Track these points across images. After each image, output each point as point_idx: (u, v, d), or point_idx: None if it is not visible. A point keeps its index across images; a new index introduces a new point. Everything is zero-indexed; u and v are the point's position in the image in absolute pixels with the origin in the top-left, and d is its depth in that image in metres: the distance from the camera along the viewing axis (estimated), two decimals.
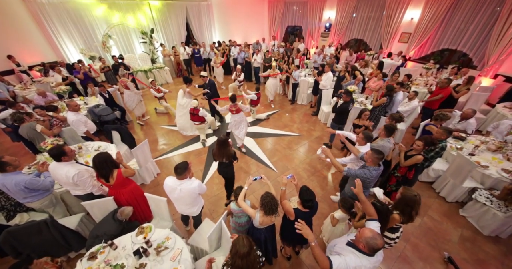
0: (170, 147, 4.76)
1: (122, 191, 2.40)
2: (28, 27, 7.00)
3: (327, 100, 5.56)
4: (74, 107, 3.53)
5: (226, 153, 2.72)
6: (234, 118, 4.17)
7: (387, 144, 2.76)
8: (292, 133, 5.20)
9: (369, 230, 1.52)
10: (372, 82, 5.17)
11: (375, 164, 2.26)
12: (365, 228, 1.57)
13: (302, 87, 6.60)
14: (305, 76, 7.00)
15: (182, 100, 4.84)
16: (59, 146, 2.19)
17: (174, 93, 7.48)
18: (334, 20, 10.02)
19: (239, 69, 6.70)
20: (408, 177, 2.75)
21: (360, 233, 1.52)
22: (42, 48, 7.50)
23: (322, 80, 5.48)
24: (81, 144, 3.55)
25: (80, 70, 6.17)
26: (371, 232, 1.49)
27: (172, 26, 9.50)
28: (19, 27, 6.81)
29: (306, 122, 5.77)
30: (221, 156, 2.75)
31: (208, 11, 10.18)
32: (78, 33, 7.85)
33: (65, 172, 2.21)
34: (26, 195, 2.24)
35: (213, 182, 3.76)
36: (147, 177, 3.71)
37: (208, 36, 10.73)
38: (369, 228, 1.57)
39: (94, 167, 2.15)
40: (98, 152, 2.20)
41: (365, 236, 1.47)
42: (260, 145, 4.78)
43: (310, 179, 3.75)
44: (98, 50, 8.31)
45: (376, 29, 8.99)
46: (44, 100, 5.01)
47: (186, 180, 2.16)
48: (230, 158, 2.78)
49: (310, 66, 7.93)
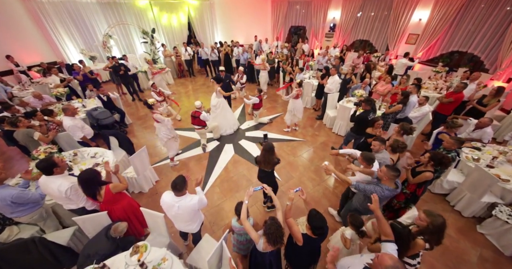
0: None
1: (114, 207, 2.24)
2: (26, 26, 6.87)
3: (332, 104, 5.36)
4: (72, 111, 3.38)
5: (271, 161, 2.59)
6: None
7: (386, 155, 2.54)
8: (296, 138, 5.01)
9: (389, 257, 1.35)
10: (380, 85, 4.97)
11: (391, 183, 2.07)
12: (384, 254, 1.39)
13: (306, 90, 6.41)
14: (309, 78, 6.81)
15: (213, 100, 4.82)
16: (47, 158, 2.03)
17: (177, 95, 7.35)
18: (339, 20, 9.79)
19: (241, 70, 6.52)
20: (418, 194, 2.55)
21: (380, 260, 1.34)
22: (41, 48, 7.37)
23: (328, 83, 5.28)
24: (76, 150, 3.40)
25: (80, 71, 6.03)
26: (391, 259, 1.32)
27: (174, 25, 9.34)
28: (17, 26, 6.68)
29: (310, 126, 5.58)
30: (266, 164, 2.61)
31: (210, 10, 10.00)
32: (78, 32, 7.71)
33: (57, 186, 2.05)
34: (13, 210, 2.09)
35: (213, 191, 3.59)
36: (145, 186, 3.55)
37: (210, 36, 10.56)
38: (389, 255, 1.40)
39: (79, 186, 1.99)
40: (83, 170, 2.03)
41: (386, 265, 1.29)
42: None
43: (316, 189, 3.57)
44: (98, 50, 8.17)
45: (382, 29, 8.76)
46: (40, 102, 4.87)
47: (184, 196, 1.99)
48: (274, 166, 2.65)
49: (315, 68, 7.72)
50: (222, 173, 3.99)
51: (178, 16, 9.28)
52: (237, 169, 4.11)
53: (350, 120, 3.71)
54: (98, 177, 2.07)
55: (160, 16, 8.87)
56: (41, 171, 2.00)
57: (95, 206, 2.36)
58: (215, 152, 4.59)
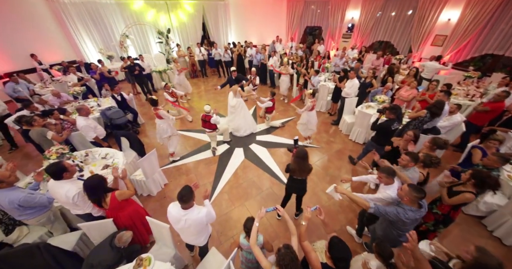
0: (178, 155, 4.52)
1: (119, 214, 2.15)
2: (50, 26, 7.16)
3: (350, 109, 5.04)
4: (86, 111, 3.38)
5: (306, 168, 2.38)
6: None
7: (415, 175, 2.22)
8: (309, 145, 4.76)
9: None
10: (404, 90, 4.59)
11: (414, 204, 1.80)
12: None
13: (322, 93, 6.12)
14: (325, 80, 6.51)
15: (232, 101, 4.75)
16: (57, 163, 1.98)
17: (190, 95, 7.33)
18: (357, 20, 9.35)
19: (254, 72, 6.37)
20: (452, 217, 2.23)
21: None
22: (63, 47, 7.66)
23: (346, 87, 4.97)
24: (88, 150, 3.40)
25: (97, 70, 6.16)
26: None
27: (189, 25, 9.38)
28: (42, 26, 6.97)
29: (325, 132, 5.29)
30: (301, 172, 2.40)
31: (225, 11, 9.95)
32: (98, 32, 7.94)
33: (65, 192, 1.99)
34: (21, 213, 2.06)
35: (222, 198, 3.45)
36: (154, 189, 3.48)
37: (224, 36, 10.51)
38: None
39: (84, 192, 1.92)
40: (89, 176, 1.95)
41: None
42: (274, 156, 4.41)
43: (332, 202, 3.32)
44: (116, 49, 8.37)
45: (405, 30, 8.23)
46: (58, 100, 5.00)
47: (191, 209, 1.84)
48: (309, 174, 2.45)
49: (331, 70, 7.40)
50: (231, 179, 3.85)
51: (193, 17, 9.31)
52: (247, 175, 3.95)
53: (371, 128, 3.40)
54: (104, 183, 1.99)
55: (176, 16, 8.94)
56: (50, 176, 1.95)
57: (102, 212, 2.29)
58: (225, 156, 4.46)
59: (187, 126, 5.64)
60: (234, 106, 4.79)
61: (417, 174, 2.18)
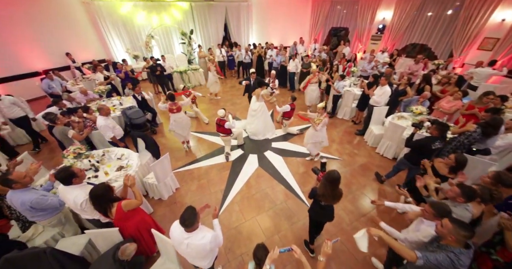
0: (192, 157, 4.45)
1: (126, 224, 2.06)
2: (85, 27, 7.64)
3: (378, 119, 4.56)
4: (106, 111, 3.43)
5: (337, 195, 1.99)
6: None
7: (466, 214, 1.77)
8: (330, 156, 4.38)
9: None
10: (445, 101, 4.01)
11: (459, 244, 1.42)
12: None
13: (346, 100, 5.66)
14: (350, 86, 6.04)
15: (254, 105, 4.73)
16: (66, 168, 1.94)
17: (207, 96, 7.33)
18: (390, 21, 8.62)
19: (273, 74, 6.12)
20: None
21: None
22: (95, 46, 8.15)
23: (375, 94, 4.50)
24: (106, 150, 3.44)
25: (122, 69, 6.40)
26: None
27: (211, 27, 9.44)
28: (77, 26, 7.47)
29: (348, 142, 4.85)
30: (331, 199, 2.01)
31: (247, 12, 9.85)
32: (126, 33, 8.31)
33: (73, 198, 1.95)
34: (33, 214, 2.07)
35: (232, 209, 3.26)
36: (165, 193, 3.42)
37: (245, 37, 10.42)
38: None
39: (90, 201, 1.84)
40: (96, 185, 1.87)
41: None
42: (289, 166, 4.12)
43: (354, 225, 2.95)
44: (141, 50, 8.70)
45: (446, 32, 7.36)
46: (85, 98, 5.24)
47: (195, 232, 1.66)
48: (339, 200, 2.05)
49: (357, 74, 6.87)
50: (243, 188, 3.65)
51: (215, 18, 9.34)
52: (260, 185, 3.72)
53: (406, 145, 2.96)
54: (110, 193, 1.90)
55: (198, 17, 9.04)
56: (60, 181, 1.92)
57: (109, 219, 2.23)
58: (238, 162, 4.29)
59: (202, 128, 5.58)
60: (256, 109, 4.74)
61: (469, 213, 1.76)
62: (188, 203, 3.38)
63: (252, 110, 4.82)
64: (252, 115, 4.86)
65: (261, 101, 4.71)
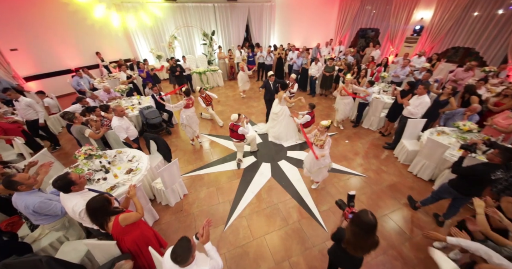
0: (204, 162, 4.30)
1: (124, 238, 1.91)
2: (114, 28, 7.99)
3: (413, 132, 3.99)
4: (120, 112, 3.41)
5: (373, 245, 1.49)
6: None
7: None
8: (353, 171, 3.92)
9: None
10: (502, 117, 3.33)
11: None
12: None
13: (374, 108, 5.10)
14: (379, 93, 5.46)
15: (276, 108, 4.61)
16: (64, 176, 1.84)
17: (219, 98, 7.20)
18: (429, 21, 7.73)
19: (292, 78, 5.79)
20: None
21: None
22: (122, 46, 8.51)
23: (411, 104, 3.94)
24: (119, 150, 3.42)
25: (144, 69, 6.55)
26: None
27: (232, 28, 9.37)
28: (108, 27, 7.84)
29: (375, 156, 4.33)
30: (358, 249, 1.54)
31: (270, 12, 9.61)
32: (151, 33, 8.56)
33: (72, 206, 1.85)
34: (36, 218, 2.02)
35: (240, 224, 3.01)
36: (172, 199, 3.29)
37: (266, 39, 10.19)
38: None
39: (86, 214, 1.71)
40: (93, 197, 1.73)
41: None
42: (305, 180, 3.75)
43: (379, 259, 2.51)
44: (165, 50, 8.91)
45: (500, 34, 6.34)
46: (107, 96, 5.41)
47: (190, 266, 1.41)
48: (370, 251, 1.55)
49: (387, 80, 6.23)
50: (253, 201, 3.38)
51: (237, 18, 9.25)
52: (272, 198, 3.42)
53: (453, 170, 2.42)
54: (107, 206, 1.76)
55: (220, 18, 9.02)
56: (59, 190, 1.83)
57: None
58: (249, 170, 4.03)
59: (217, 131, 5.44)
60: (277, 113, 4.60)
61: None
62: (195, 213, 3.21)
63: (273, 114, 4.67)
64: (274, 118, 4.71)
65: (283, 105, 4.52)
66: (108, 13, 6.33)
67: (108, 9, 6.30)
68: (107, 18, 7.23)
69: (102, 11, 6.18)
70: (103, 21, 7.50)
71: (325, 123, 2.90)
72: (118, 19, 6.80)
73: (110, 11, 6.47)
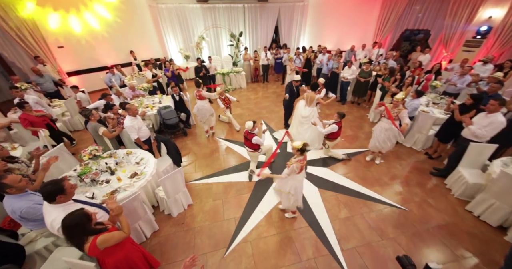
0: (214, 169, 4.00)
1: (105, 260, 1.65)
2: (149, 27, 8.36)
3: (477, 160, 3.09)
4: (133, 111, 3.31)
5: None
6: None
7: None
8: (388, 201, 3.18)
9: None
10: None
11: None
12: None
13: (421, 123, 4.21)
14: (428, 105, 4.53)
15: (304, 111, 4.30)
16: (57, 182, 1.65)
17: (240, 101, 6.92)
18: (500, 21, 6.32)
19: (320, 82, 5.16)
20: None
21: None
22: (154, 46, 8.86)
23: (476, 123, 3.05)
24: (129, 151, 3.31)
25: (169, 68, 6.62)
26: None
27: (261, 29, 9.07)
28: (143, 27, 8.22)
29: (418, 184, 3.49)
30: None
31: (302, 12, 9.07)
32: (181, 34, 8.75)
33: (51, 220, 1.66)
34: (25, 223, 1.90)
35: (243, 251, 2.58)
36: (175, 210, 3.03)
37: (295, 40, 9.66)
38: None
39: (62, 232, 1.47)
40: (69, 214, 1.48)
41: None
42: (327, 205, 3.16)
43: None
44: (193, 50, 9.03)
45: None
46: (132, 94, 5.52)
47: None
48: None
49: (439, 90, 5.19)
50: (262, 223, 2.93)
51: (266, 19, 8.92)
52: (284, 223, 2.92)
53: None
54: (86, 224, 1.51)
55: (250, 18, 8.80)
56: (43, 197, 1.64)
57: None
58: (261, 185, 3.59)
59: (232, 136, 5.13)
60: (307, 116, 4.26)
61: None
62: (196, 228, 2.90)
63: (302, 117, 4.32)
64: (303, 122, 4.34)
65: (313, 107, 4.23)
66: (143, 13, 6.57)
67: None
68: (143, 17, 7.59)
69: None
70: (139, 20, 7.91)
71: (296, 144, 2.42)
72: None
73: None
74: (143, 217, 2.60)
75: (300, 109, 4.36)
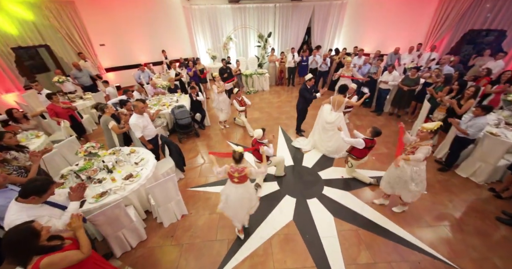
0: (217, 177, 3.66)
1: None
2: (181, 28, 8.65)
3: None
4: (140, 109, 3.20)
5: None
6: None
7: None
8: (431, 251, 2.36)
9: None
10: None
11: None
12: None
13: (486, 149, 3.18)
14: (498, 125, 3.44)
15: (329, 116, 3.91)
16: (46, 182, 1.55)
17: (260, 104, 6.54)
18: None
19: (352, 88, 4.46)
20: None
21: None
22: (185, 45, 9.13)
23: None
24: (132, 149, 3.21)
25: (192, 68, 6.63)
26: None
27: (292, 29, 8.56)
28: (175, 27, 8.54)
29: (479, 233, 2.55)
30: None
31: (339, 12, 8.26)
32: (210, 34, 8.82)
33: (9, 221, 1.50)
34: (2, 222, 1.79)
35: None
36: (166, 219, 2.78)
37: (328, 41, 8.87)
38: None
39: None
40: (14, 226, 1.26)
41: None
42: (342, 239, 2.52)
43: None
44: (220, 51, 9.04)
45: None
46: (154, 91, 5.63)
47: None
48: None
49: None
50: (258, 252, 2.46)
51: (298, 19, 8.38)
52: (285, 256, 2.40)
53: None
54: (32, 241, 1.29)
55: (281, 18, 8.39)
56: (21, 190, 1.52)
57: None
58: (266, 203, 3.10)
59: (245, 141, 4.77)
60: (332, 122, 3.84)
61: None
62: (184, 245, 2.58)
63: (326, 123, 3.91)
64: (328, 129, 3.93)
65: (341, 112, 3.84)
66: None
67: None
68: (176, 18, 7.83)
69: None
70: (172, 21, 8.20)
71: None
72: None
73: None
74: (128, 226, 2.39)
75: (325, 114, 3.91)
